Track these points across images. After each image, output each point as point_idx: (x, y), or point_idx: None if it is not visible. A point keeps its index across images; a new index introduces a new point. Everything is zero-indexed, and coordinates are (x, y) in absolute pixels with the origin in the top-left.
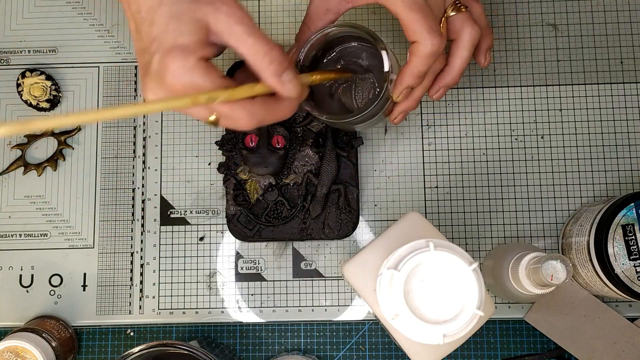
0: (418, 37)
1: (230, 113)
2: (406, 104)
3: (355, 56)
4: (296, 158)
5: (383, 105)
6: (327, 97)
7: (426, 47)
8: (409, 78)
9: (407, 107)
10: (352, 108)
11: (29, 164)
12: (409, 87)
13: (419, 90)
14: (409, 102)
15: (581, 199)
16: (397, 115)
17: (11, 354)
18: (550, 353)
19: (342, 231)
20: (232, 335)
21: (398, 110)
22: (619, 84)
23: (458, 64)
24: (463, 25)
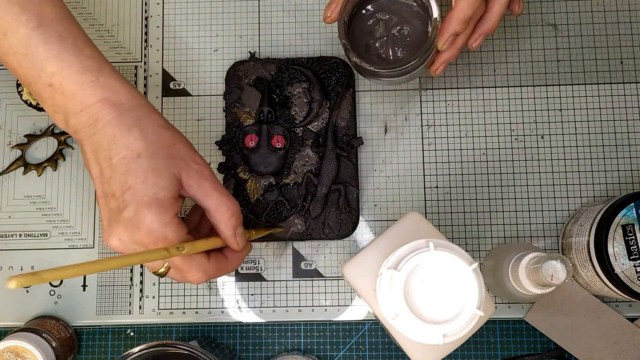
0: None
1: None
2: (449, 53)
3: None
4: (296, 158)
5: (429, 54)
6: (363, 52)
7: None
8: (455, 24)
9: (450, 56)
10: (391, 62)
11: (29, 164)
12: (455, 34)
13: (461, 38)
14: (452, 51)
15: (581, 199)
16: (439, 66)
17: (11, 354)
18: (550, 353)
19: (342, 231)
20: (232, 335)
21: (440, 60)
22: (619, 84)
23: (497, 9)
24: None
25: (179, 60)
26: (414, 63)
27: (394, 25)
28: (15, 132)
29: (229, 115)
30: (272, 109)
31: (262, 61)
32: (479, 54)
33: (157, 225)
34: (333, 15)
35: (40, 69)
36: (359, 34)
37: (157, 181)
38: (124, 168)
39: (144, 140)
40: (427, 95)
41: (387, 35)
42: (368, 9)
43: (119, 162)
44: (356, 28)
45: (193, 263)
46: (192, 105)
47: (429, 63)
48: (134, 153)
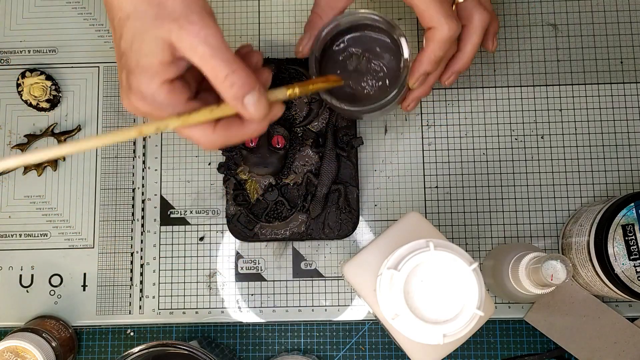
0: (435, 22)
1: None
2: (421, 91)
3: (365, 44)
4: (296, 158)
5: (400, 92)
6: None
7: (443, 32)
8: (426, 64)
9: (422, 93)
10: (361, 97)
11: (29, 164)
12: (425, 74)
13: (433, 76)
14: (424, 88)
15: (581, 199)
16: (411, 102)
17: (11, 354)
18: (550, 353)
19: (342, 231)
20: (232, 335)
21: (412, 97)
22: (619, 84)
23: (469, 49)
24: (473, 11)
25: None
26: (384, 101)
27: (366, 60)
28: (15, 132)
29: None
30: None
31: None
32: (479, 54)
33: (144, 92)
34: (304, 50)
35: None
36: (331, 68)
37: (140, 46)
38: (118, 31)
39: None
40: (427, 95)
41: (360, 70)
42: (341, 43)
43: (117, 25)
44: (329, 62)
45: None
46: None
47: (401, 99)
48: (125, 14)
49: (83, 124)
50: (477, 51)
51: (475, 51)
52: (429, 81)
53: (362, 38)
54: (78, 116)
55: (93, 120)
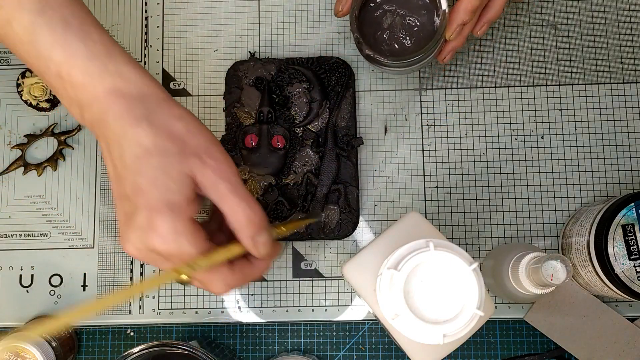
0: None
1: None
2: (456, 42)
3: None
4: (296, 158)
5: (438, 44)
6: (372, 43)
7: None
8: (463, 14)
9: (457, 44)
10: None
11: (29, 164)
12: (462, 24)
13: (468, 27)
14: (460, 39)
15: (581, 199)
16: (447, 54)
17: (11, 354)
18: (550, 353)
19: (342, 231)
20: (232, 335)
21: (448, 49)
22: (619, 84)
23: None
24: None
25: (179, 60)
26: (423, 54)
27: (401, 16)
28: (15, 132)
29: (229, 115)
30: (272, 109)
31: (262, 61)
32: (479, 54)
33: (170, 234)
34: (344, 9)
35: (48, 58)
36: (368, 26)
37: (167, 183)
38: (134, 167)
39: (154, 134)
40: (427, 95)
41: (395, 26)
42: (376, 1)
43: (131, 160)
44: (365, 20)
45: (215, 275)
46: (192, 105)
47: (437, 52)
48: (144, 150)
49: None
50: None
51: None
52: (464, 32)
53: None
54: None
55: None
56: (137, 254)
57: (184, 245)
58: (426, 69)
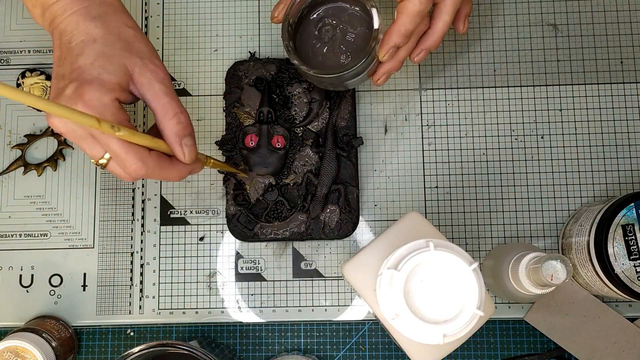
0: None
1: (124, 155)
2: (391, 64)
3: (340, 16)
4: (296, 158)
5: (369, 63)
6: (309, 55)
7: (415, 5)
8: (396, 37)
9: (392, 67)
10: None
11: (29, 164)
12: (395, 46)
13: (403, 51)
14: (394, 62)
15: (581, 199)
16: (381, 76)
17: (11, 354)
18: (550, 353)
19: (342, 231)
20: (232, 335)
21: (382, 71)
22: (619, 84)
23: (440, 27)
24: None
25: (179, 60)
26: (353, 70)
27: (341, 31)
28: (15, 132)
29: (229, 115)
30: (272, 109)
31: (262, 61)
32: (479, 54)
33: (95, 103)
34: (279, 16)
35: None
36: (306, 38)
37: (105, 64)
38: (78, 50)
39: (104, 29)
40: (427, 95)
41: (335, 40)
42: (316, 14)
43: (76, 45)
44: (304, 32)
45: (131, 149)
46: (192, 105)
47: (371, 72)
48: (91, 38)
49: None
50: (447, 30)
51: (446, 30)
52: (399, 55)
53: (337, 9)
54: None
55: None
56: (60, 126)
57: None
58: (426, 69)
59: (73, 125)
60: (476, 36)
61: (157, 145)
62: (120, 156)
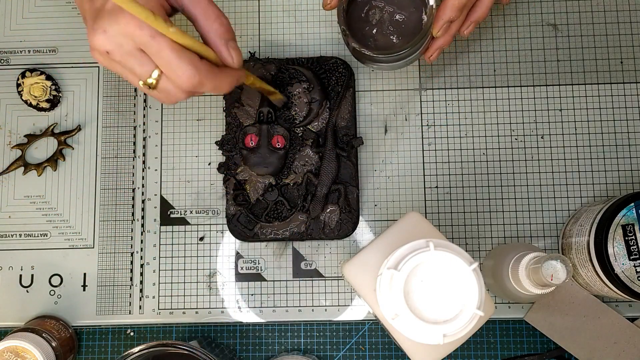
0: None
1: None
2: (444, 40)
3: None
4: (296, 158)
5: (425, 40)
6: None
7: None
8: (450, 11)
9: (444, 42)
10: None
11: (29, 164)
12: (449, 21)
13: (455, 25)
14: (447, 37)
15: (581, 199)
16: (434, 52)
17: (11, 354)
18: (550, 353)
19: (342, 231)
20: (232, 335)
21: (435, 47)
22: (619, 84)
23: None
24: None
25: None
26: (409, 49)
27: (389, 12)
28: (15, 132)
29: (229, 115)
30: (272, 109)
31: (262, 61)
32: (479, 54)
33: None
34: (332, 2)
35: None
36: (356, 21)
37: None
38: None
39: None
40: (427, 95)
41: (383, 22)
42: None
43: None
44: (353, 15)
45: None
46: (192, 105)
47: (424, 49)
48: None
49: (83, 123)
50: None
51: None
52: (451, 30)
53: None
54: (78, 116)
55: (93, 120)
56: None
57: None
58: (426, 69)
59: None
60: (476, 36)
61: (205, 51)
62: (171, 63)
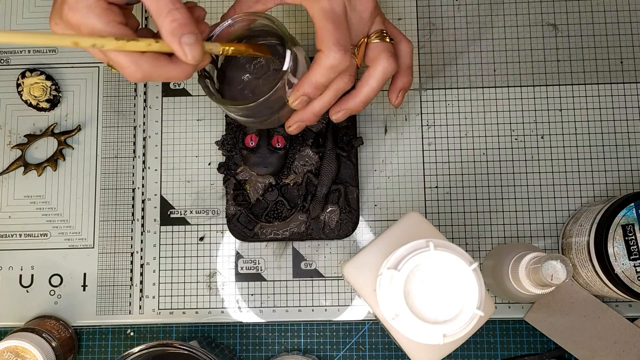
0: (323, 46)
1: (116, 59)
2: (303, 115)
3: None
4: (296, 158)
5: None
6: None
7: (328, 58)
8: (306, 85)
9: (304, 118)
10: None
11: (29, 164)
12: (305, 95)
13: (318, 104)
14: (306, 113)
15: (581, 199)
16: (292, 124)
17: (11, 354)
18: (550, 353)
19: (342, 231)
20: (232, 335)
21: (294, 119)
22: (619, 84)
23: (364, 91)
24: (379, 55)
25: None
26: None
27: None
28: (15, 132)
29: (229, 115)
30: None
31: None
32: (479, 54)
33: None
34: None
35: None
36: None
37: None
38: None
39: None
40: (427, 95)
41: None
42: None
43: None
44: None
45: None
46: (192, 105)
47: (285, 117)
48: None
49: (83, 123)
50: (373, 96)
51: (371, 96)
52: (313, 107)
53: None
54: (78, 116)
55: (93, 120)
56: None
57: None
58: (426, 69)
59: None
60: (476, 36)
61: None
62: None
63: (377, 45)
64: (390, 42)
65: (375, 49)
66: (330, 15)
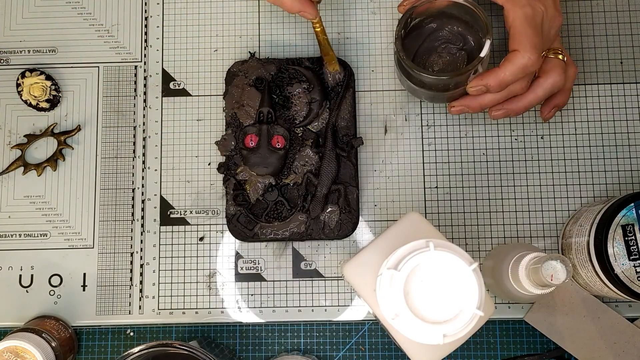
0: (521, 46)
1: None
2: (471, 102)
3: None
4: (296, 158)
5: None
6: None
7: (523, 57)
8: (492, 79)
9: (471, 105)
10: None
11: (28, 164)
12: (485, 87)
13: (489, 97)
14: (475, 101)
15: (581, 199)
16: (457, 106)
17: (11, 354)
18: (550, 353)
19: (342, 231)
20: (232, 335)
21: (461, 102)
22: (619, 84)
23: (529, 97)
24: (553, 69)
25: (179, 60)
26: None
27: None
28: (15, 132)
29: (229, 115)
30: (272, 109)
31: (262, 61)
32: None
33: None
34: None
35: None
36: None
37: None
38: None
39: None
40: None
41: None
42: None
43: None
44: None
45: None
46: (192, 105)
47: (452, 97)
48: None
49: (83, 124)
50: (535, 104)
51: (534, 103)
52: (483, 99)
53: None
54: (78, 116)
55: (93, 120)
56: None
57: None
58: None
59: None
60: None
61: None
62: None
63: (552, 60)
64: (563, 61)
65: (551, 62)
66: (531, 22)
